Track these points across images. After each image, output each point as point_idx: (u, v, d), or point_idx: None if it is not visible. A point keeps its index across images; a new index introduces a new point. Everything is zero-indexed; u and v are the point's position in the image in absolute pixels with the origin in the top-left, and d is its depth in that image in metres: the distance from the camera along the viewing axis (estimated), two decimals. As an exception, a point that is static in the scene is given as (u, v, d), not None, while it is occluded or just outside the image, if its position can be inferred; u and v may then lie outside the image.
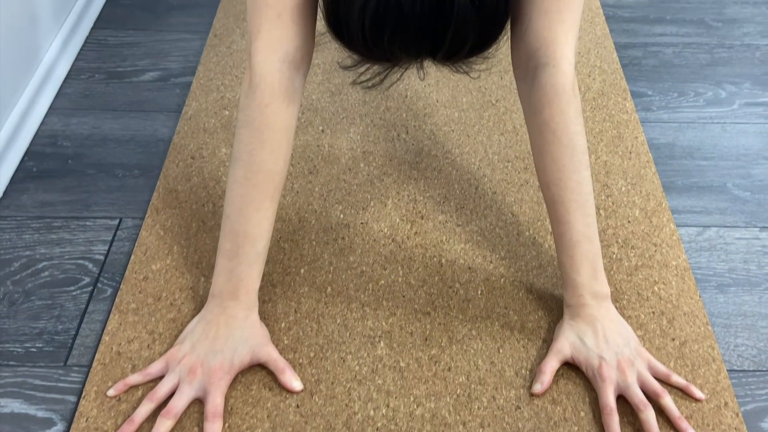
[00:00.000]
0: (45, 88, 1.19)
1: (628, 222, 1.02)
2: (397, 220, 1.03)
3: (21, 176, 1.07)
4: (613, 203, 1.06)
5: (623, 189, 1.08)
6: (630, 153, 1.14)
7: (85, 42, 1.34)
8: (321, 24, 0.72)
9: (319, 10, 0.77)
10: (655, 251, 0.98)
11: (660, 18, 1.44)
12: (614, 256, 0.98)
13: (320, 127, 1.19)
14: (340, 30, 0.70)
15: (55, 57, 1.24)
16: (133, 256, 0.95)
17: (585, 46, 1.37)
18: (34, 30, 1.19)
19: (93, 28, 1.37)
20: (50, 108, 1.19)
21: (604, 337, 0.82)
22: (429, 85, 1.28)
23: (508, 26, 0.77)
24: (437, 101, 1.25)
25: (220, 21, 1.41)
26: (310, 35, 0.81)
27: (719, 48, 1.36)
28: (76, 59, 1.30)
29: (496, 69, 1.31)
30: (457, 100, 1.25)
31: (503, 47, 0.76)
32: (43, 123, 1.16)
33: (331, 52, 1.32)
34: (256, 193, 0.82)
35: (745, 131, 1.18)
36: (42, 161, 1.10)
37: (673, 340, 0.87)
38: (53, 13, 1.26)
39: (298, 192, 1.07)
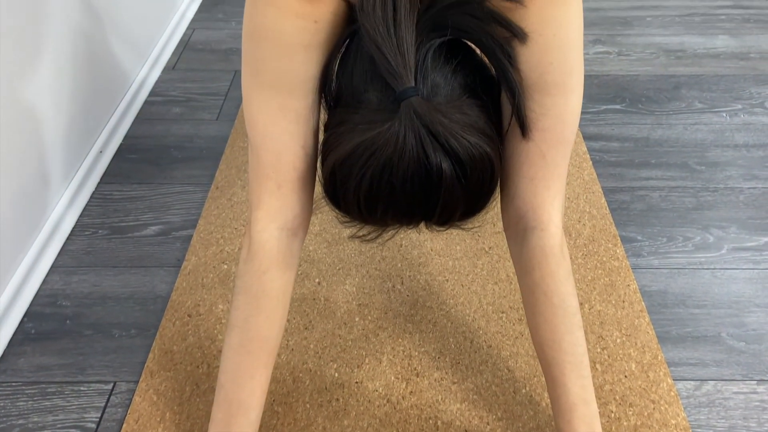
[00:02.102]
0: (49, 247, 1.23)
1: (625, 377, 1.02)
2: (392, 378, 1.02)
3: (19, 338, 1.08)
4: (608, 356, 1.05)
5: (618, 341, 1.08)
6: (623, 302, 1.15)
7: (92, 197, 1.39)
8: (319, 188, 0.76)
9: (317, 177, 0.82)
10: (654, 409, 0.97)
11: (645, 162, 1.50)
12: (613, 415, 0.96)
13: (317, 279, 1.21)
14: (337, 201, 0.74)
15: (61, 214, 1.28)
16: (125, 425, 0.94)
17: (574, 191, 1.42)
18: (44, 189, 1.24)
19: (100, 183, 1.43)
20: (52, 266, 1.22)
21: None
22: (423, 233, 1.31)
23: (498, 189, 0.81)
24: (431, 249, 1.27)
25: (223, 173, 1.47)
26: (309, 202, 0.85)
27: (704, 191, 1.40)
28: (81, 215, 1.34)
29: (489, 216, 1.34)
30: (451, 248, 1.28)
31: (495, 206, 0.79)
32: (44, 282, 1.19)
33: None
34: (250, 360, 0.82)
35: (735, 277, 1.19)
36: (41, 322, 1.11)
37: None
38: (63, 171, 1.31)
39: (293, 350, 1.07)
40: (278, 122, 0.80)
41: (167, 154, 1.52)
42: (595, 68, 1.85)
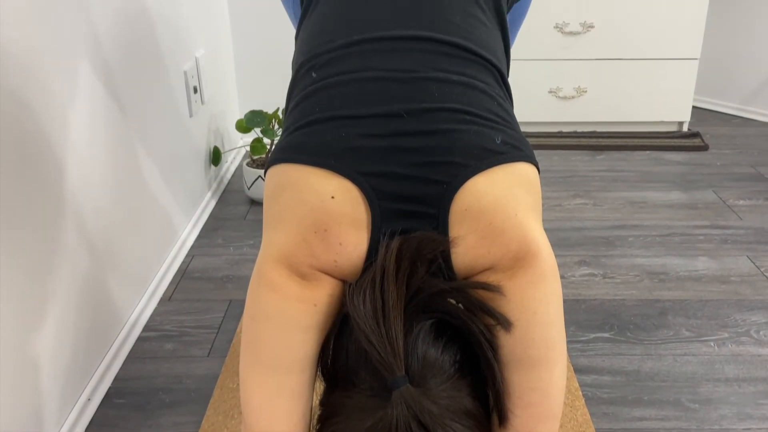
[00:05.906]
0: None
1: None
2: None
3: None
4: None
5: None
6: None
7: (74, 452, 1.36)
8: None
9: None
10: None
11: (638, 399, 1.48)
12: None
13: None
14: None
15: (40, 476, 1.25)
16: None
17: (567, 435, 1.39)
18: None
19: (84, 435, 1.41)
20: None
21: None
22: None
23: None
24: None
25: (210, 419, 1.45)
26: None
27: (700, 434, 1.37)
28: (61, 474, 1.31)
29: None
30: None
31: None
32: None
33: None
34: None
35: None
36: None
37: None
38: (47, 429, 1.30)
39: None
40: (274, 400, 0.83)
41: (155, 398, 1.51)
42: (582, 292, 1.89)
